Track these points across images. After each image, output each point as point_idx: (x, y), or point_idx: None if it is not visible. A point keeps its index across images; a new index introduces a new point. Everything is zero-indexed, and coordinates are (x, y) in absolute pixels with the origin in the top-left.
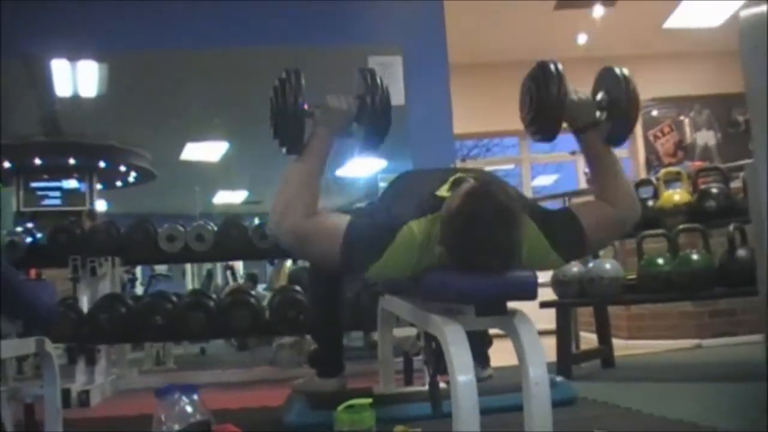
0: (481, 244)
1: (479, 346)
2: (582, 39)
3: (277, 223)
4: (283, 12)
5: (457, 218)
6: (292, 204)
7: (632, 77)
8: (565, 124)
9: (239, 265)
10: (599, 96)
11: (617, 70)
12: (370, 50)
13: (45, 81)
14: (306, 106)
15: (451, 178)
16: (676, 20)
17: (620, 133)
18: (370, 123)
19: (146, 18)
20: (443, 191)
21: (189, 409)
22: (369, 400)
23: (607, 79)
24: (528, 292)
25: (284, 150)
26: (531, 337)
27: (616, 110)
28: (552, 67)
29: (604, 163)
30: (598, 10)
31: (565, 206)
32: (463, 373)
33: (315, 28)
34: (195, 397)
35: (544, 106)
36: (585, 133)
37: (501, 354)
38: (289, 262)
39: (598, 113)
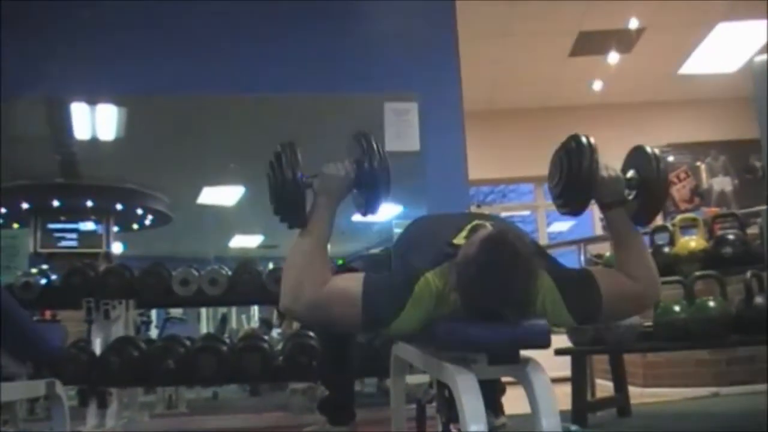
0: (495, 292)
1: (492, 394)
2: (597, 86)
3: (292, 301)
4: (302, 60)
5: (473, 265)
6: (304, 278)
7: (663, 157)
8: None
9: (254, 310)
10: (629, 174)
11: (648, 150)
12: (387, 97)
13: (64, 123)
14: (304, 178)
15: (468, 226)
16: (692, 66)
17: (648, 213)
18: (370, 187)
19: (165, 63)
20: (460, 239)
21: None
22: None
23: (637, 157)
24: (541, 341)
25: (287, 225)
26: (544, 386)
27: (646, 189)
28: (584, 140)
29: (629, 241)
30: (613, 57)
31: (586, 268)
32: (475, 423)
33: (333, 76)
34: None
35: (574, 181)
36: (612, 210)
37: (516, 402)
38: None
39: (626, 191)
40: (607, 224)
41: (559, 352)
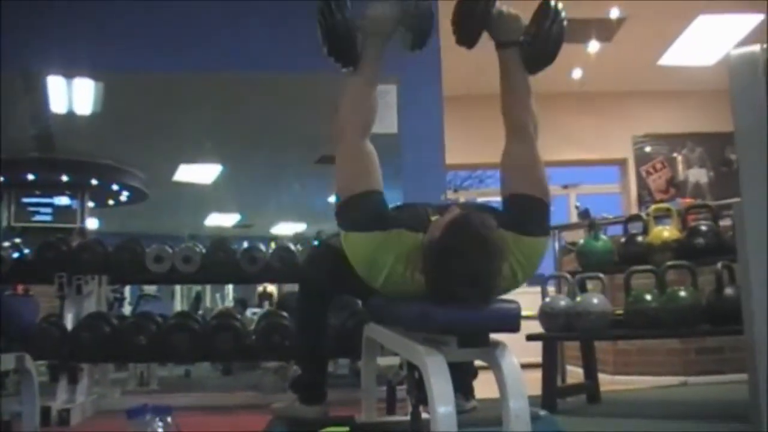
0: (459, 276)
1: (463, 377)
2: (577, 74)
3: (338, 136)
4: (280, 39)
5: (437, 249)
6: (352, 117)
7: (562, 13)
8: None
9: (229, 289)
10: (531, 25)
11: (552, 3)
12: None
13: (41, 97)
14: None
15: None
16: (671, 58)
17: (539, 59)
18: (414, 23)
19: (145, 39)
20: (435, 215)
21: (161, 431)
22: (347, 429)
23: (540, 10)
24: (510, 324)
25: (341, 65)
26: (512, 369)
27: (540, 36)
28: None
29: (516, 84)
30: (594, 46)
31: (510, 193)
32: (443, 405)
33: (311, 56)
34: (168, 419)
35: (469, 12)
36: (506, 49)
37: (489, 386)
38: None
39: (522, 37)
40: (499, 65)
41: (531, 337)
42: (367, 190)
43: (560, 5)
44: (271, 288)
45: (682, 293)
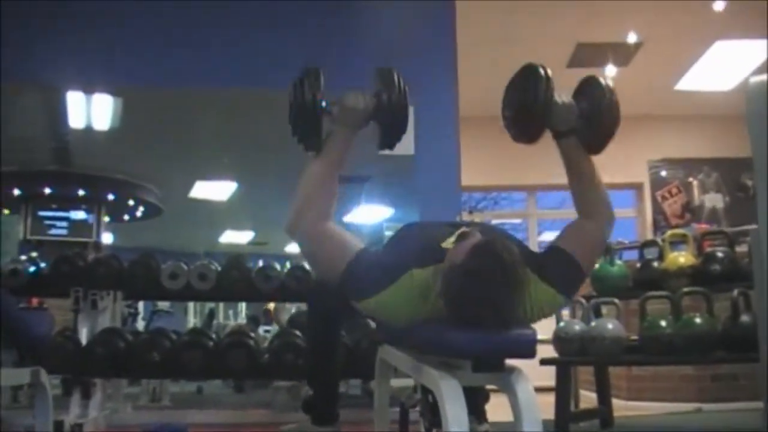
0: (480, 301)
1: (476, 400)
2: None
3: (295, 222)
4: (300, 57)
5: (459, 273)
6: (310, 202)
7: (613, 88)
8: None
9: (242, 306)
10: (581, 103)
11: (601, 80)
12: None
13: (60, 111)
14: (324, 104)
15: (458, 232)
16: (688, 83)
17: (599, 140)
18: (387, 121)
19: (164, 55)
20: (449, 243)
21: None
22: None
23: (588, 86)
24: (527, 350)
25: (303, 147)
26: (527, 395)
27: (597, 117)
28: (540, 69)
29: (582, 169)
30: (611, 70)
31: (553, 245)
32: (457, 429)
33: (329, 75)
34: None
35: (529, 107)
36: (565, 138)
37: (500, 409)
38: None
39: (578, 120)
40: (561, 154)
41: (545, 362)
42: (351, 260)
43: (609, 81)
44: (271, 305)
45: (698, 320)
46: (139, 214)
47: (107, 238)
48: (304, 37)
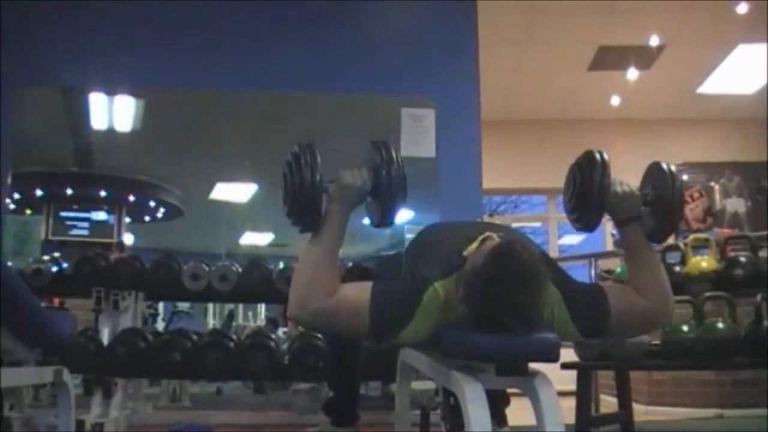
0: (502, 304)
1: (497, 404)
2: (615, 101)
3: (300, 308)
4: (321, 59)
5: (480, 277)
6: (313, 286)
7: (679, 175)
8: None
9: (261, 307)
10: (645, 190)
11: (665, 166)
12: (404, 102)
13: (82, 113)
14: (321, 182)
15: (480, 237)
16: (711, 86)
17: (663, 230)
18: (385, 197)
19: (185, 57)
20: (470, 250)
21: None
22: None
23: (654, 174)
24: (550, 354)
25: (299, 230)
26: (550, 399)
27: (661, 207)
28: (598, 156)
29: (644, 259)
30: (633, 73)
31: (597, 283)
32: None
33: (351, 77)
34: None
35: (587, 195)
36: (627, 226)
37: (520, 413)
38: None
39: (642, 207)
40: (622, 240)
41: (566, 366)
42: (371, 308)
43: (673, 168)
44: None
45: (720, 325)
46: (159, 215)
47: (128, 239)
48: (326, 40)
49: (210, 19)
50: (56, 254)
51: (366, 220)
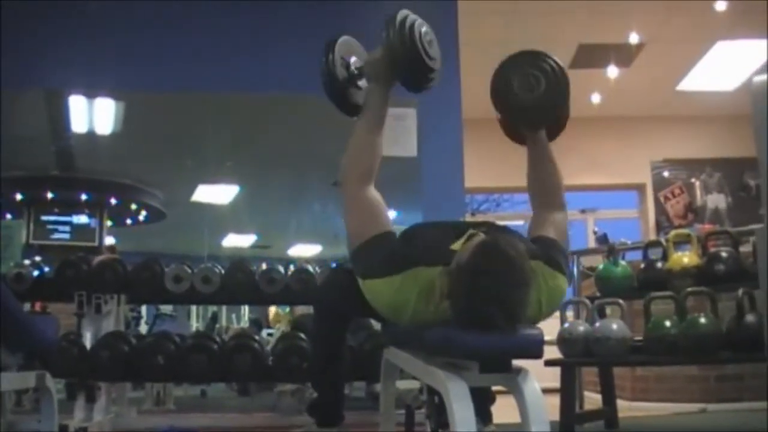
0: (486, 301)
1: (482, 401)
2: (596, 98)
3: (342, 177)
4: (302, 60)
5: (465, 273)
6: (353, 163)
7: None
8: None
9: (244, 309)
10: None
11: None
12: None
13: (62, 115)
14: (353, 68)
15: (468, 233)
16: (691, 83)
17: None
18: (405, 61)
19: (165, 59)
20: (457, 245)
21: None
22: None
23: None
24: (534, 350)
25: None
26: (535, 396)
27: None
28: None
29: (547, 154)
30: (613, 71)
31: (540, 235)
32: (464, 429)
33: None
34: None
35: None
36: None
37: (505, 410)
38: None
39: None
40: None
41: (550, 363)
42: (376, 234)
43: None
44: (271, 310)
45: (702, 320)
46: (141, 218)
47: (109, 242)
48: (305, 40)
49: (191, 22)
50: (37, 258)
51: None
